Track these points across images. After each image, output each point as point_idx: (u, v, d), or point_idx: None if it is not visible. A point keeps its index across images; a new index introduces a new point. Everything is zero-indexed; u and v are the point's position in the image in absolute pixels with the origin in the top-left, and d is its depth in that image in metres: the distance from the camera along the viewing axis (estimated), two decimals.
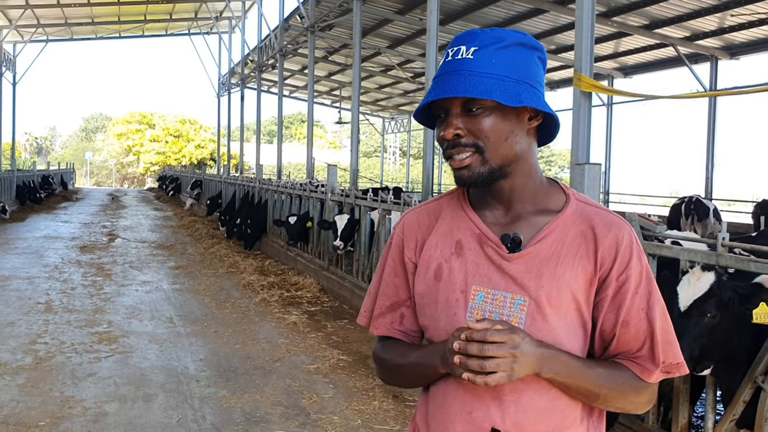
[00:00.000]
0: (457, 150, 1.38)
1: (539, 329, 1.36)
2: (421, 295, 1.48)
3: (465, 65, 1.36)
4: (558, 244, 1.40)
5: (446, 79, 1.37)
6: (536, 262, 1.39)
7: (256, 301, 8.59)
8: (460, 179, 1.41)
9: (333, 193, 10.19)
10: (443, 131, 1.39)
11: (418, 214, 1.56)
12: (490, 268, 1.41)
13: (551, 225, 1.42)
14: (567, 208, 1.44)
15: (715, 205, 11.19)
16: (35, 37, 28.02)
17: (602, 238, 1.40)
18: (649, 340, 1.40)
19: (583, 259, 1.39)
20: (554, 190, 1.48)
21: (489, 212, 1.47)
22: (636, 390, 1.40)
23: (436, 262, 1.46)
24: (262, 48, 21.74)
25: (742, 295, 3.22)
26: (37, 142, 69.84)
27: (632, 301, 1.39)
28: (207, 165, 47.81)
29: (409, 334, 1.55)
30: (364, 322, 1.60)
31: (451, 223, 1.49)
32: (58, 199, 28.50)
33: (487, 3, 14.19)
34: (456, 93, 1.34)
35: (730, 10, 12.46)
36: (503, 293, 1.39)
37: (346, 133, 56.34)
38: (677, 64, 15.83)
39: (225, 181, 20.37)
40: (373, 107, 31.36)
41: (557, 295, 1.37)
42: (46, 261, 11.62)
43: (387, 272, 1.56)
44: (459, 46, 1.39)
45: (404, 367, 1.50)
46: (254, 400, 5.02)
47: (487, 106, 1.36)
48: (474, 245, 1.44)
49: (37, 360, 5.84)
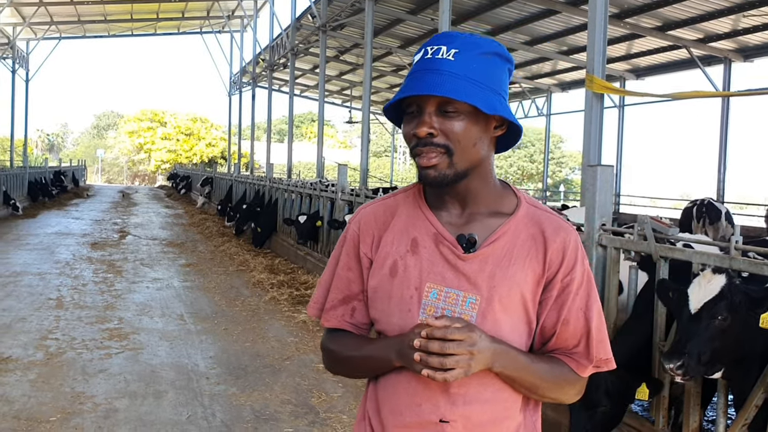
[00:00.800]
0: (427, 149, 1.39)
1: (487, 327, 1.41)
2: (374, 290, 1.51)
3: (445, 66, 1.37)
4: (510, 245, 1.46)
5: (425, 77, 1.37)
6: (489, 263, 1.44)
7: (265, 299, 8.61)
8: (426, 178, 1.42)
9: (343, 192, 10.20)
10: (416, 128, 1.40)
11: (375, 209, 1.58)
12: (445, 266, 1.45)
13: (504, 227, 1.47)
14: (519, 211, 1.49)
15: (727, 208, 11.12)
16: (48, 35, 28.18)
17: (551, 242, 1.47)
18: (585, 338, 1.49)
19: (532, 260, 1.46)
20: (507, 193, 1.53)
21: (445, 212, 1.50)
22: (571, 383, 1.50)
23: (392, 259, 1.49)
24: (273, 47, 21.78)
25: (752, 298, 3.19)
26: (49, 138, 70.28)
27: (573, 302, 1.47)
28: (218, 163, 47.96)
29: (359, 326, 1.58)
30: (314, 313, 1.62)
31: (407, 221, 1.52)
32: (70, 196, 28.70)
33: (499, 3, 14.16)
34: (437, 91, 1.35)
35: (744, 12, 12.38)
36: (456, 291, 1.43)
37: (356, 132, 56.40)
38: (690, 66, 15.74)
39: (235, 179, 20.43)
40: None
41: (507, 295, 1.43)
42: (57, 257, 11.69)
43: (341, 266, 1.58)
44: (439, 46, 1.40)
45: (355, 359, 1.54)
46: (264, 398, 5.03)
47: (462, 109, 1.38)
48: (429, 244, 1.47)
49: (48, 356, 5.88)
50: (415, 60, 1.44)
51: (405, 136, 1.45)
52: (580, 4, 12.90)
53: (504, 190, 1.53)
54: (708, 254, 3.90)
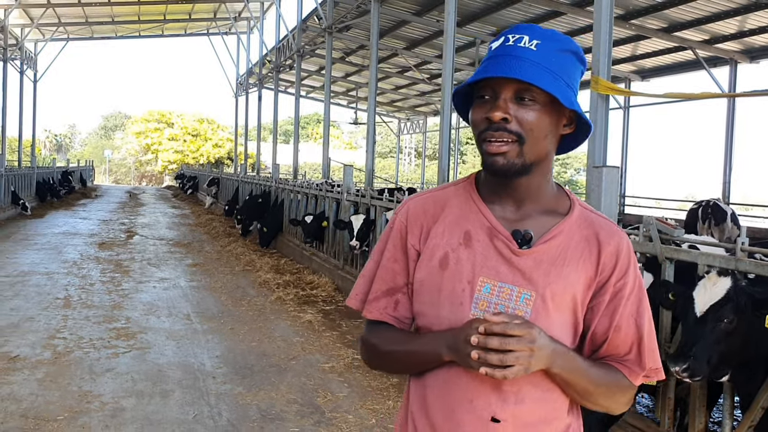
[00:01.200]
0: (499, 134, 1.37)
1: (543, 324, 1.38)
2: (421, 282, 1.48)
3: (527, 54, 1.36)
4: (565, 245, 1.44)
5: (506, 61, 1.36)
6: (544, 261, 1.42)
7: (271, 299, 8.64)
8: (492, 165, 1.40)
9: (348, 193, 10.23)
10: (489, 112, 1.37)
11: (424, 201, 1.55)
12: (499, 260, 1.43)
13: (559, 226, 1.45)
14: (573, 213, 1.48)
15: (732, 209, 11.09)
16: (56, 36, 28.31)
17: (605, 245, 1.45)
18: (636, 345, 1.47)
19: (586, 262, 1.44)
20: (560, 193, 1.52)
21: (498, 206, 1.48)
22: (623, 390, 1.47)
23: (442, 251, 1.46)
24: (279, 48, 21.82)
25: (757, 300, 3.20)
26: (57, 139, 70.49)
27: (624, 307, 1.45)
28: (224, 164, 48.05)
29: (402, 320, 1.54)
30: (356, 305, 1.59)
31: (459, 213, 1.49)
32: (77, 196, 28.81)
33: (505, 5, 14.16)
34: (519, 75, 1.33)
35: (751, 13, 12.35)
36: (510, 286, 1.41)
37: (362, 133, 56.43)
38: (696, 68, 15.70)
39: (242, 180, 20.48)
40: (390, 108, 31.36)
41: (561, 294, 1.42)
42: (65, 257, 11.75)
43: (386, 257, 1.55)
44: (521, 35, 1.39)
45: (399, 354, 1.50)
46: (270, 398, 5.06)
47: (539, 99, 1.37)
48: (483, 237, 1.45)
49: (56, 355, 5.92)
50: (492, 46, 1.42)
51: (474, 122, 1.42)
52: (586, 6, 12.89)
53: (558, 190, 1.52)
54: (714, 255, 3.91)
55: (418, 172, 39.82)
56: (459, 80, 21.57)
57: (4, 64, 23.96)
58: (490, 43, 1.44)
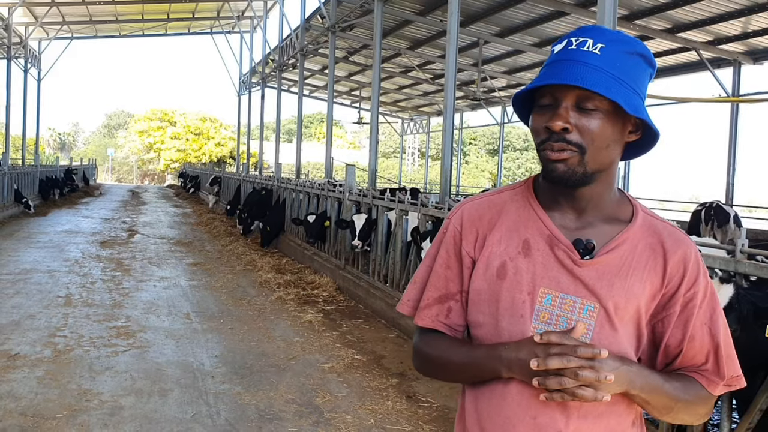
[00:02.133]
0: (559, 145, 1.32)
1: (607, 337, 1.35)
2: (478, 292, 1.43)
3: (591, 59, 1.30)
4: (628, 255, 1.39)
5: (568, 67, 1.30)
6: (607, 271, 1.37)
7: (272, 299, 8.64)
8: (553, 172, 1.34)
9: (351, 192, 10.22)
10: (549, 121, 1.32)
11: (479, 206, 1.49)
12: (560, 271, 1.37)
13: (622, 236, 1.40)
14: (636, 220, 1.42)
15: (735, 211, 11.07)
16: (60, 35, 28.37)
17: (671, 254, 1.40)
18: (713, 354, 1.41)
19: (651, 272, 1.38)
20: (623, 199, 1.46)
21: (558, 214, 1.42)
22: (703, 401, 1.41)
23: (500, 260, 1.41)
24: (283, 47, 21.83)
25: (759, 308, 3.16)
26: (61, 137, 70.70)
27: (697, 317, 1.40)
28: (227, 163, 48.12)
29: (454, 328, 1.49)
30: (408, 311, 1.55)
31: (517, 220, 1.44)
32: (80, 195, 28.87)
33: (508, 5, 14.15)
34: (580, 82, 1.27)
35: (754, 15, 12.33)
36: (572, 297, 1.36)
37: (365, 133, 56.43)
38: (700, 69, 15.68)
39: (244, 179, 20.49)
40: (393, 108, 31.38)
41: (625, 306, 1.36)
42: (66, 255, 11.77)
43: (439, 263, 1.50)
44: (585, 38, 1.33)
45: (454, 365, 1.45)
46: (268, 398, 5.05)
47: (602, 107, 1.31)
48: (543, 246, 1.40)
49: (56, 353, 5.92)
50: (554, 50, 1.37)
51: (534, 130, 1.37)
52: (590, 6, 12.87)
53: (620, 196, 1.46)
54: (714, 257, 3.89)
55: (422, 172, 39.82)
56: (462, 80, 21.59)
57: (8, 63, 24.02)
58: (553, 46, 1.39)
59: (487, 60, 18.78)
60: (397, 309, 1.60)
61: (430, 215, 7.25)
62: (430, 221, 7.25)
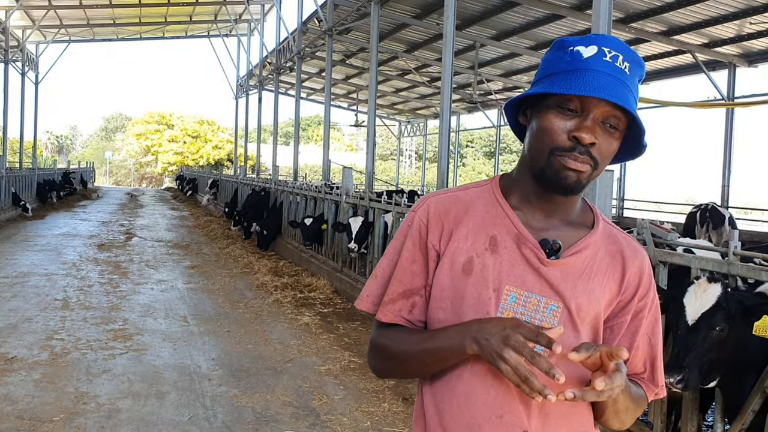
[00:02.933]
0: (584, 158, 1.31)
1: (569, 337, 1.35)
2: (441, 288, 1.42)
3: (624, 77, 1.31)
4: (590, 260, 1.41)
5: (609, 81, 1.29)
6: (571, 273, 1.38)
7: (269, 301, 8.66)
8: (565, 179, 1.33)
9: (348, 195, 10.25)
10: (580, 132, 1.30)
11: (445, 200, 1.47)
12: (526, 269, 1.37)
13: (586, 240, 1.42)
14: (598, 227, 1.45)
15: (730, 213, 11.12)
16: (58, 38, 28.39)
17: (630, 263, 1.43)
18: (650, 363, 1.47)
19: (610, 279, 1.41)
20: (584, 206, 1.49)
21: (527, 213, 1.42)
22: (641, 407, 1.45)
23: (466, 255, 1.40)
24: (280, 50, 21.87)
25: (746, 306, 3.20)
26: (59, 140, 70.60)
27: (644, 327, 1.44)
28: (224, 166, 48.12)
29: (415, 323, 1.47)
30: (368, 307, 1.52)
31: (485, 217, 1.43)
32: (78, 198, 28.85)
33: (504, 8, 14.19)
34: (627, 105, 1.28)
35: (749, 18, 12.38)
36: (537, 297, 1.36)
37: (362, 135, 56.47)
38: (695, 71, 15.75)
39: (241, 182, 20.51)
40: (390, 111, 31.42)
41: (586, 309, 1.38)
42: (64, 258, 11.77)
43: (404, 257, 1.47)
44: (617, 52, 1.32)
45: (415, 352, 1.41)
46: (265, 400, 5.08)
47: (621, 127, 1.33)
48: (510, 244, 1.39)
49: (53, 356, 5.94)
50: (582, 52, 1.33)
51: (552, 131, 1.33)
52: (585, 9, 12.92)
53: (582, 203, 1.48)
54: (706, 259, 3.92)
55: (419, 175, 39.85)
56: (458, 83, 21.63)
57: (6, 66, 24.01)
58: (575, 45, 1.35)
59: (484, 63, 18.83)
60: (355, 305, 1.57)
61: None
62: None
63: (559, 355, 1.23)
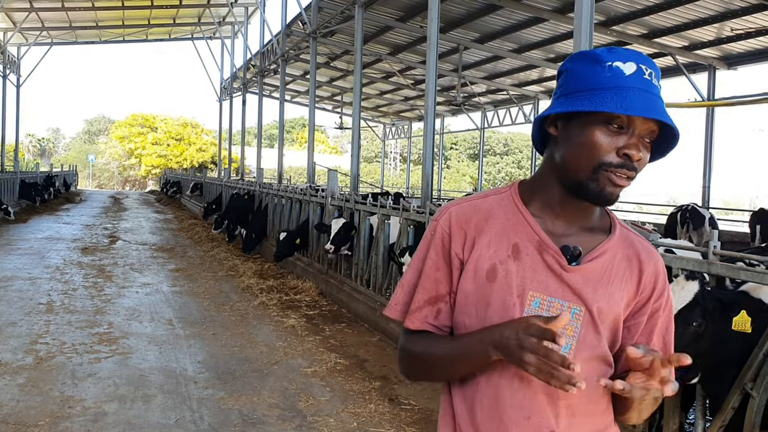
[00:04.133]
0: (628, 173, 1.37)
1: (591, 340, 1.41)
2: (466, 294, 1.46)
3: (659, 93, 1.38)
4: (609, 264, 1.45)
5: (653, 101, 1.35)
6: (592, 278, 1.43)
7: (254, 304, 8.66)
8: (611, 195, 1.39)
9: (333, 197, 10.27)
10: (629, 149, 1.36)
11: (466, 209, 1.51)
12: (548, 275, 1.42)
13: (604, 245, 1.46)
14: (615, 232, 1.49)
15: (711, 213, 11.26)
16: (40, 40, 28.15)
17: (646, 265, 1.48)
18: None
19: (628, 282, 1.46)
20: (602, 211, 1.53)
21: (547, 220, 1.47)
22: (659, 402, 1.48)
23: (490, 263, 1.44)
24: (264, 53, 21.84)
25: (724, 303, 3.28)
26: (41, 143, 70.02)
27: (659, 326, 1.50)
28: (208, 168, 47.93)
29: (442, 329, 1.52)
30: (397, 315, 1.56)
31: (506, 224, 1.47)
32: (61, 201, 28.61)
33: (488, 11, 14.28)
34: (671, 121, 1.34)
35: (728, 21, 12.56)
36: (560, 301, 1.41)
37: (347, 138, 56.48)
38: (676, 74, 15.90)
39: (225, 184, 20.45)
40: (375, 113, 31.47)
41: (606, 312, 1.43)
42: (47, 262, 11.70)
43: (428, 265, 1.51)
44: (651, 69, 1.39)
45: (442, 357, 1.47)
46: (251, 402, 5.09)
47: (651, 143, 1.39)
48: (532, 251, 1.44)
49: (38, 360, 5.92)
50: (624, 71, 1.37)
51: (601, 147, 1.36)
52: (567, 12, 13.04)
53: (600, 208, 1.51)
54: (687, 259, 4.00)
55: (404, 177, 39.90)
56: (442, 86, 21.72)
57: None
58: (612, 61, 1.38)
59: (467, 66, 18.92)
60: (384, 313, 1.62)
61: (411, 219, 7.32)
62: (411, 226, 7.33)
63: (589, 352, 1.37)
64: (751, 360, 3.41)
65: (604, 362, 1.44)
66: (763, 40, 13.54)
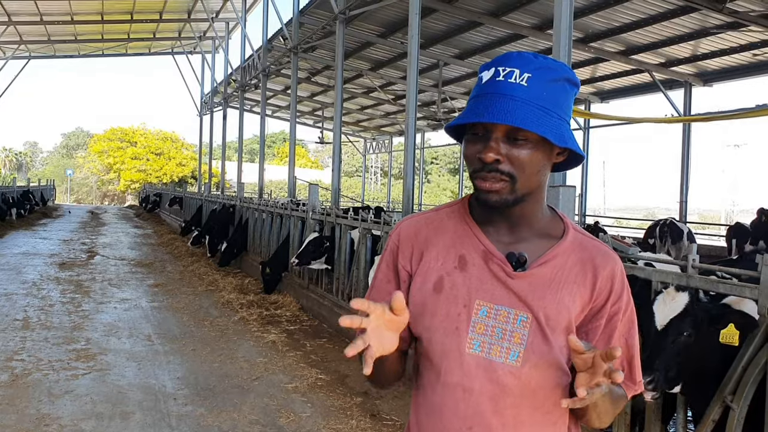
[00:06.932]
0: (492, 175, 1.37)
1: (539, 346, 1.40)
2: (415, 305, 1.47)
3: (518, 91, 1.34)
4: (559, 269, 1.45)
5: (497, 102, 1.34)
6: (539, 283, 1.43)
7: (235, 319, 8.59)
8: (486, 202, 1.40)
9: (314, 211, 10.24)
10: (482, 153, 1.36)
11: (416, 223, 1.55)
12: (494, 283, 1.43)
13: (553, 250, 1.46)
14: (567, 236, 1.49)
15: (689, 227, 11.39)
16: (18, 54, 27.93)
17: (600, 269, 1.46)
18: (627, 363, 1.50)
19: (581, 286, 1.45)
20: (554, 217, 1.52)
21: (492, 229, 1.47)
22: (621, 406, 1.49)
23: (437, 274, 1.47)
24: (245, 68, 21.84)
25: (712, 315, 3.33)
26: (18, 158, 69.25)
27: (619, 329, 1.48)
28: (188, 183, 47.65)
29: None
30: None
31: (453, 237, 1.49)
32: (38, 216, 28.25)
33: (467, 28, 14.42)
34: (510, 121, 1.32)
35: (703, 38, 12.79)
36: (506, 309, 1.41)
37: (327, 152, 56.49)
38: (653, 90, 16.18)
39: (205, 199, 20.33)
40: (355, 128, 31.54)
41: (556, 317, 1.41)
42: (24, 278, 11.53)
43: (379, 278, 1.57)
44: (512, 68, 1.36)
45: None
46: (232, 419, 5.03)
47: (531, 138, 1.36)
48: (478, 261, 1.45)
49: (13, 377, 5.81)
50: (483, 77, 1.40)
51: (467, 158, 1.41)
52: (546, 29, 13.19)
53: (552, 213, 1.52)
54: (667, 272, 4.03)
55: (385, 191, 39.95)
56: (423, 101, 21.84)
57: None
58: (481, 72, 1.42)
59: (447, 81, 19.07)
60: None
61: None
62: None
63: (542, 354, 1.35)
64: (731, 372, 3.43)
65: (558, 369, 1.42)
66: (737, 57, 13.80)
